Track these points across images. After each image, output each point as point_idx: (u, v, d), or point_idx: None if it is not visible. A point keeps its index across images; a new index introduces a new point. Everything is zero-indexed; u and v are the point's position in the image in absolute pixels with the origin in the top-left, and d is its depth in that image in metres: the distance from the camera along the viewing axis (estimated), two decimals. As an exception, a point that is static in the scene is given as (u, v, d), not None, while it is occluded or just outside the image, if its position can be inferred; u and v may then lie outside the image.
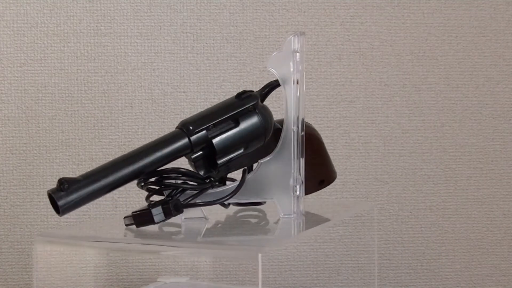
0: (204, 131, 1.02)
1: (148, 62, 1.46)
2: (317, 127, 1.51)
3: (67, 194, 0.97)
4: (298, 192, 1.07)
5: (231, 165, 1.05)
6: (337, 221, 1.28)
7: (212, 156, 1.03)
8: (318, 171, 1.13)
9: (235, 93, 1.08)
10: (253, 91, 1.08)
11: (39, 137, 1.44)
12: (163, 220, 0.99)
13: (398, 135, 1.50)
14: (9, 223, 1.44)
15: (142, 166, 1.01)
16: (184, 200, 1.01)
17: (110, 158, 1.44)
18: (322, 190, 1.13)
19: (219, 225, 1.08)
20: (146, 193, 1.03)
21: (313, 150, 1.11)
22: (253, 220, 1.12)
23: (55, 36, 1.44)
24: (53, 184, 1.44)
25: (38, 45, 1.44)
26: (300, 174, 1.06)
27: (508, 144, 1.52)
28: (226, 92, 1.46)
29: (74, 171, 1.44)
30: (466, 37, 1.51)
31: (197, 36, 1.47)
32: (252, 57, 1.47)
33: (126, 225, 1.00)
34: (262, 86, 1.09)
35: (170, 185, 1.01)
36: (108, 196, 1.03)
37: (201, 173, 1.03)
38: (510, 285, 1.53)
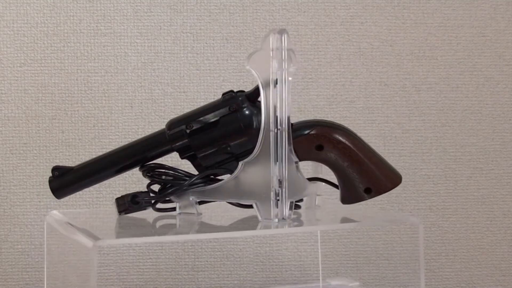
0: (182, 127, 1.09)
1: (148, 62, 1.46)
2: (317, 127, 1.51)
3: (58, 181, 1.13)
4: (280, 196, 1.04)
5: (215, 163, 1.08)
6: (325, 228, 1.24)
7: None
8: (360, 179, 1.07)
9: (235, 93, 1.09)
10: (243, 91, 1.10)
11: (39, 137, 1.44)
12: (124, 211, 1.11)
13: (398, 135, 1.50)
14: (9, 223, 1.44)
15: (127, 160, 1.12)
16: (162, 194, 1.10)
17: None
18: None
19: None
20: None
21: (348, 155, 1.07)
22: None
23: (55, 36, 1.44)
24: (53, 184, 1.44)
25: (38, 45, 1.44)
26: (283, 178, 1.04)
27: (508, 144, 1.52)
28: (226, 92, 1.46)
29: (74, 171, 1.44)
30: (466, 37, 1.51)
31: (197, 36, 1.47)
32: (252, 57, 1.47)
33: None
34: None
35: (154, 178, 1.10)
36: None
37: (198, 170, 1.09)
38: (510, 285, 1.53)
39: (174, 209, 1.11)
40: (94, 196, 1.45)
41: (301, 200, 1.12)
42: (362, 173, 1.06)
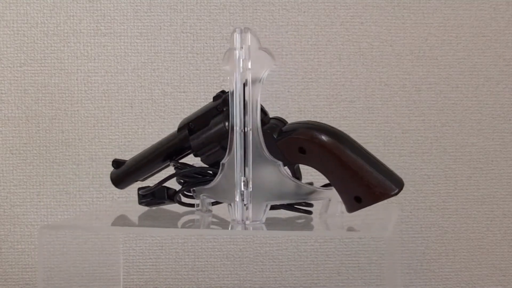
0: (185, 128, 1.10)
1: (148, 62, 1.46)
2: (317, 127, 1.51)
3: (115, 173, 1.17)
4: (243, 199, 1.02)
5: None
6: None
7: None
8: (349, 186, 1.00)
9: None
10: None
11: (39, 137, 1.44)
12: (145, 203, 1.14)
13: (398, 135, 1.50)
14: (9, 223, 1.44)
15: (161, 155, 1.13)
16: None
17: (110, 158, 1.45)
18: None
19: None
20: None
21: (332, 160, 1.01)
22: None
23: (55, 36, 1.44)
24: (53, 184, 1.45)
25: (38, 45, 1.44)
26: (249, 179, 1.01)
27: (508, 144, 1.52)
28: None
29: (74, 171, 1.44)
30: (466, 37, 1.51)
31: (197, 36, 1.47)
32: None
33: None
34: None
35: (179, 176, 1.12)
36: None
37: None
38: (510, 285, 1.53)
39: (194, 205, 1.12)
40: (94, 196, 1.45)
41: (310, 205, 1.06)
42: (349, 181, 1.00)
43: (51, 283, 1.05)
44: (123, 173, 1.16)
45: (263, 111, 1.05)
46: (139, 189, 1.14)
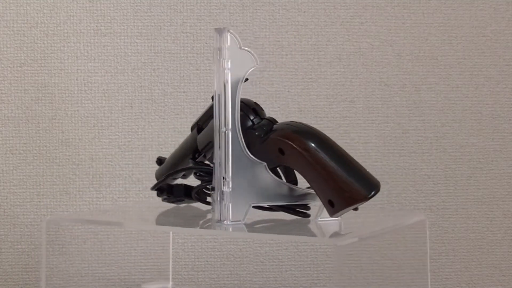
0: (195, 128, 1.11)
1: (148, 62, 1.46)
2: (317, 127, 1.51)
3: (158, 170, 1.17)
4: (220, 198, 1.01)
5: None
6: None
7: None
8: (323, 189, 0.98)
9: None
10: None
11: (39, 137, 1.44)
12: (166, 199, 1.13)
13: (398, 135, 1.50)
14: (9, 223, 1.44)
15: (187, 154, 1.13)
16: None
17: (110, 158, 1.45)
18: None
19: None
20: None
21: (305, 162, 0.99)
22: None
23: (55, 36, 1.44)
24: (53, 184, 1.45)
25: (38, 45, 1.44)
26: (226, 179, 1.00)
27: (508, 144, 1.52)
28: (226, 92, 1.45)
29: (74, 171, 1.44)
30: (466, 37, 1.51)
31: (197, 36, 1.47)
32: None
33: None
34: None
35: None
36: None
37: None
38: (510, 285, 1.53)
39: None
40: (94, 196, 1.45)
41: (306, 207, 1.04)
42: (322, 183, 0.97)
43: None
44: (160, 171, 1.17)
45: (255, 111, 1.04)
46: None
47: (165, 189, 1.13)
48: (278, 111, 1.47)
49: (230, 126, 1.00)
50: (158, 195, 1.14)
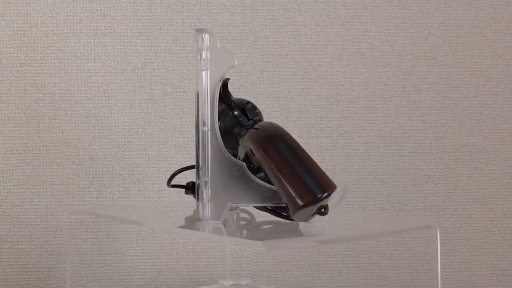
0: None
1: (148, 62, 1.46)
2: (317, 127, 1.51)
3: None
4: (202, 197, 1.00)
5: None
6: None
7: None
8: (280, 192, 0.96)
9: (234, 93, 1.09)
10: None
11: (39, 137, 1.44)
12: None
13: (398, 135, 1.50)
14: (9, 223, 1.44)
15: None
16: None
17: (110, 158, 1.45)
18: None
19: None
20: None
21: (266, 164, 0.98)
22: None
23: (55, 36, 1.44)
24: (53, 184, 1.45)
25: (38, 45, 1.44)
26: (206, 176, 1.00)
27: (508, 144, 1.52)
28: (226, 92, 1.45)
29: (74, 171, 1.44)
30: (466, 37, 1.51)
31: (197, 36, 1.47)
32: (252, 57, 1.47)
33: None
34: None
35: None
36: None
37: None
38: (510, 285, 1.53)
39: None
40: (94, 196, 1.45)
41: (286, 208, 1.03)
42: (278, 186, 0.96)
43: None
44: None
45: (244, 112, 1.04)
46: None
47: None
48: (278, 111, 1.47)
49: (209, 126, 1.00)
50: (186, 192, 1.12)
